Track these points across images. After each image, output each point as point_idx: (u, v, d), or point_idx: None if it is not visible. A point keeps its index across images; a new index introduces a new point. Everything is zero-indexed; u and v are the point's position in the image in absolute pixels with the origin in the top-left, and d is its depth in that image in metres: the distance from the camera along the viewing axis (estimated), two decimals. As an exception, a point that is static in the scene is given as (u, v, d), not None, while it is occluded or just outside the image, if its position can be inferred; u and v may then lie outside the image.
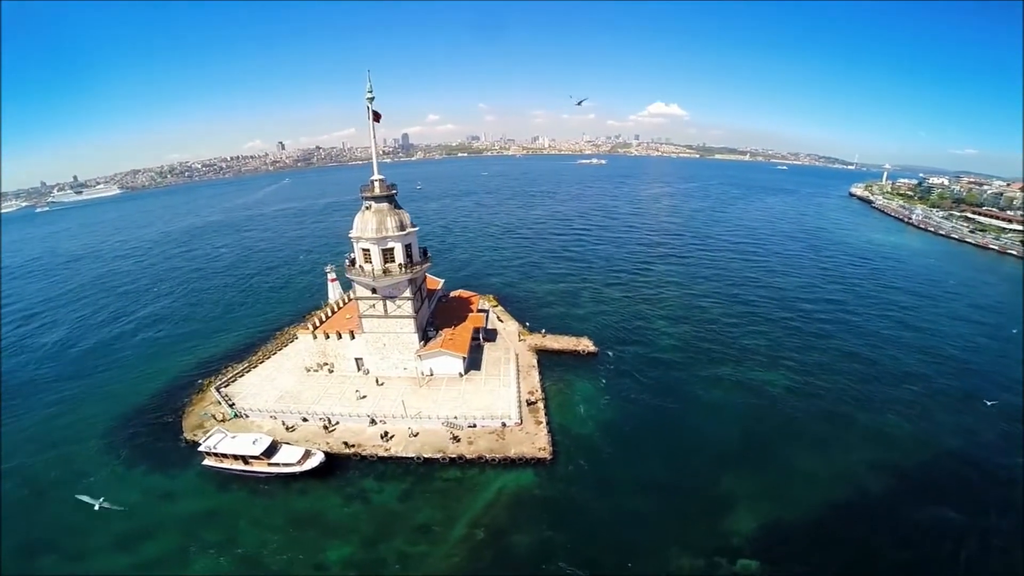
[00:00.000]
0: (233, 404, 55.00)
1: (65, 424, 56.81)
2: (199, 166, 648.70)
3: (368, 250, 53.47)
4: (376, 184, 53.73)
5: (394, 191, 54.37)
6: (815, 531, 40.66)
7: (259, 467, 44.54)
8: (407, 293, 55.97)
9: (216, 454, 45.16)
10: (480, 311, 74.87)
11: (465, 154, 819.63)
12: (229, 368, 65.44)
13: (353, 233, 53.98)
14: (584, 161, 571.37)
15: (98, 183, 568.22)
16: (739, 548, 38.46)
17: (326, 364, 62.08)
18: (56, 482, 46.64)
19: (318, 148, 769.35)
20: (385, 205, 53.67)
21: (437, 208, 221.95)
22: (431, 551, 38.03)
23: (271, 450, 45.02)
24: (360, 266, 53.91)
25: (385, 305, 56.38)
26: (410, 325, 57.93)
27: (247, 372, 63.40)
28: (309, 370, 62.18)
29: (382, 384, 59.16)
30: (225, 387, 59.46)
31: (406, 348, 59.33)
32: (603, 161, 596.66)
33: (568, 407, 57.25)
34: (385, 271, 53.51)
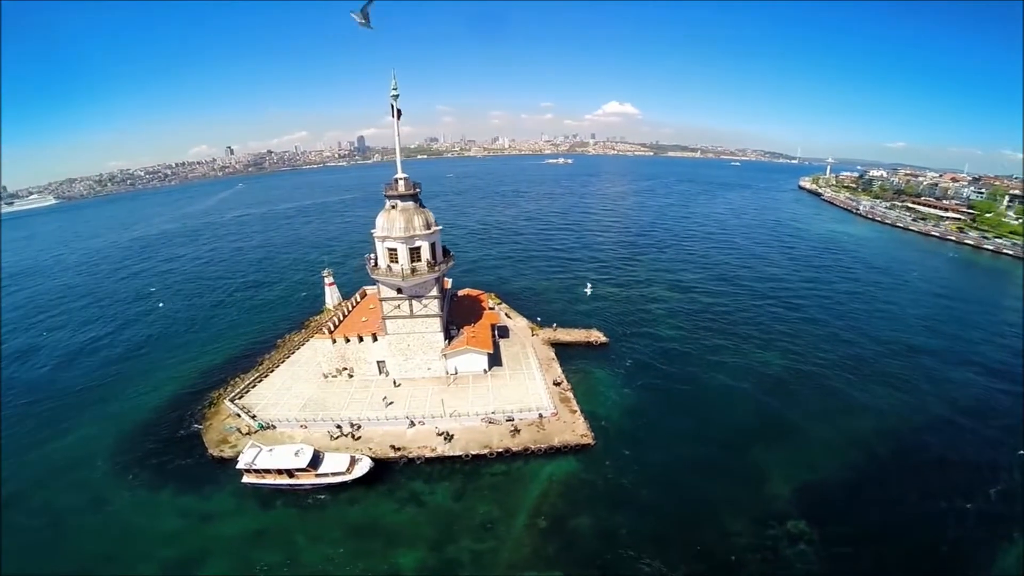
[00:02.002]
0: (255, 416, 52.68)
1: (65, 448, 52.26)
2: (142, 173, 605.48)
3: (395, 249, 52.74)
4: (400, 183, 53.11)
5: (418, 189, 53.91)
6: (844, 491, 44.35)
7: (306, 479, 42.72)
8: (434, 292, 55.67)
9: (256, 470, 42.90)
10: (489, 309, 75.18)
11: (424, 156, 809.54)
12: (237, 379, 62.46)
13: (378, 232, 53.07)
14: (552, 161, 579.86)
15: (31, 193, 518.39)
16: (785, 512, 41.30)
17: (345, 369, 60.54)
18: (75, 510, 42.92)
19: (270, 152, 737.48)
20: (411, 204, 53.14)
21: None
22: (500, 545, 38.24)
23: (316, 460, 43.46)
24: (388, 266, 53.04)
25: (411, 305, 55.77)
26: (436, 324, 57.58)
27: (259, 382, 60.75)
28: (327, 376, 60.42)
29: (399, 386, 58.43)
30: (239, 399, 56.76)
31: (431, 348, 58.88)
32: (570, 160, 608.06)
33: (593, 395, 58.89)
34: (413, 270, 52.96)
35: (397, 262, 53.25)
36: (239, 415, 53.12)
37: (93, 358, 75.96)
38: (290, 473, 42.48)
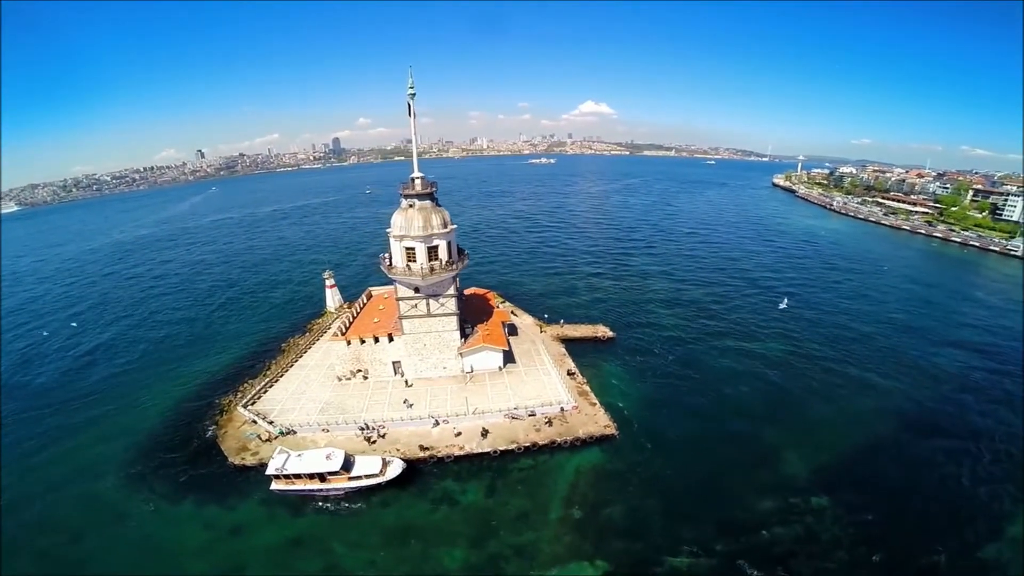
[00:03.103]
0: (272, 421, 51.75)
1: (67, 460, 50.21)
2: (108, 178, 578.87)
3: (413, 248, 52.67)
4: (417, 182, 53.09)
5: (434, 188, 53.99)
6: (855, 467, 47.10)
7: (338, 483, 42.12)
8: (451, 290, 55.83)
9: (287, 476, 42.06)
10: (498, 307, 75.63)
11: (402, 158, 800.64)
12: (247, 385, 61.16)
13: (395, 232, 52.88)
14: (535, 161, 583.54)
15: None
16: (805, 488, 43.50)
17: (360, 371, 60.00)
18: (93, 525, 41.35)
19: (242, 155, 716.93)
20: (428, 203, 53.19)
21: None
22: (539, 537, 38.81)
23: (348, 463, 42.92)
24: (406, 265, 52.92)
25: (428, 304, 55.76)
26: (452, 323, 57.72)
27: (270, 387, 59.60)
28: (341, 379, 59.75)
29: (411, 386, 58.32)
30: (251, 405, 55.62)
31: (447, 347, 58.95)
32: (552, 160, 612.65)
33: (607, 388, 60.10)
34: (432, 269, 53.00)
35: (415, 261, 53.16)
36: (255, 421, 52.10)
37: (87, 368, 72.91)
38: (322, 477, 41.88)
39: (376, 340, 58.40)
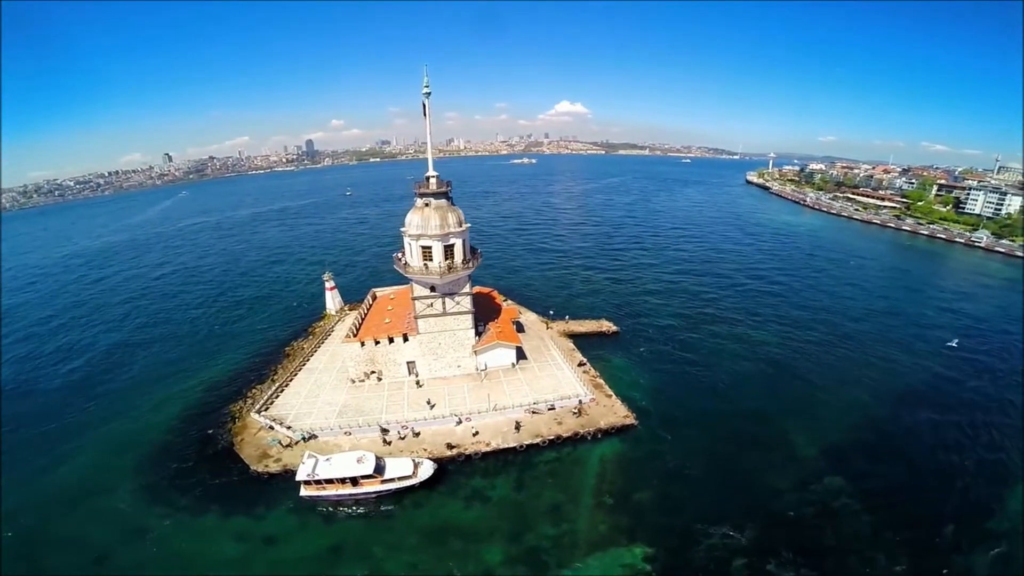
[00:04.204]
0: (290, 427, 50.89)
1: (74, 476, 48.12)
2: (71, 183, 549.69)
3: (430, 247, 52.70)
4: (432, 181, 53.13)
5: (449, 187, 54.17)
6: (860, 446, 49.92)
7: (371, 486, 41.68)
8: (466, 288, 56.09)
9: (318, 481, 41.41)
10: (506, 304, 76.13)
11: (378, 159, 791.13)
12: (255, 391, 59.91)
13: (411, 231, 52.79)
14: (517, 161, 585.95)
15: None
16: (819, 469, 45.71)
17: (373, 372, 59.54)
18: (116, 543, 39.57)
19: (211, 159, 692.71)
20: (444, 202, 53.27)
21: (380, 213, 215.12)
22: (575, 526, 39.58)
23: (379, 466, 42.51)
24: (424, 264, 52.90)
25: (444, 303, 55.87)
26: (467, 321, 57.97)
27: (280, 392, 58.53)
28: (355, 381, 59.18)
29: (421, 386, 58.34)
30: (264, 410, 54.53)
31: (461, 345, 59.15)
32: (534, 160, 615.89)
33: (618, 380, 61.36)
34: (449, 267, 53.17)
35: (432, 260, 53.22)
36: (272, 427, 51.13)
37: (83, 381, 69.43)
38: (355, 481, 41.44)
39: (391, 340, 58.05)
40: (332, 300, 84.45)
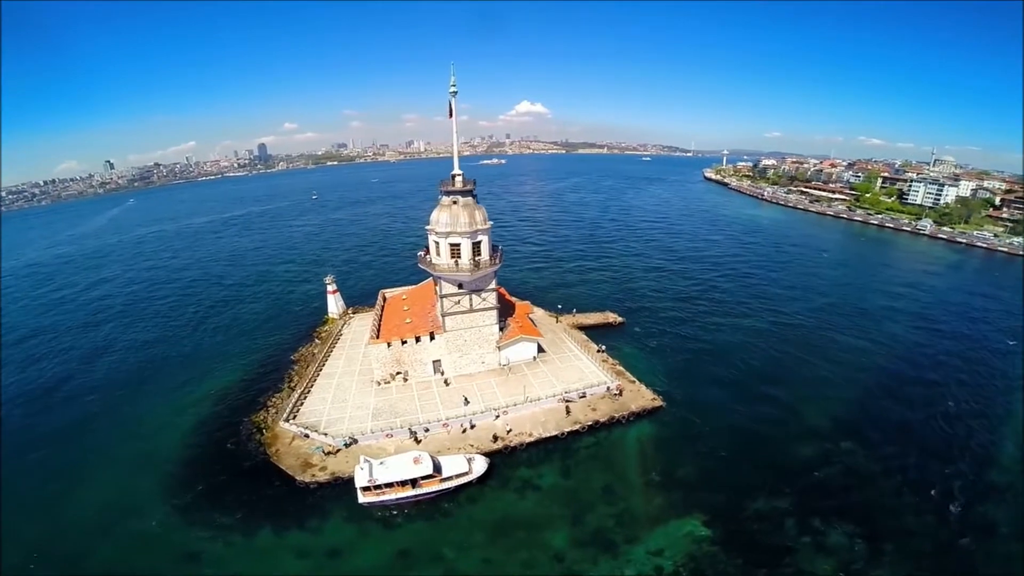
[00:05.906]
0: (327, 433, 50.01)
1: (92, 500, 44.89)
2: (3, 194, 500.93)
3: (458, 245, 53.28)
4: (458, 179, 53.74)
5: (474, 185, 54.94)
6: (864, 415, 55.16)
7: (430, 487, 41.55)
8: (492, 285, 56.99)
9: (377, 486, 40.78)
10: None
11: (335, 162, 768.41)
12: (275, 400, 58.19)
13: (440, 228, 53.12)
14: (487, 162, 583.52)
15: None
16: (833, 435, 50.29)
17: (399, 373, 59.28)
18: (170, 570, 37.52)
19: (157, 165, 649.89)
20: (470, 199, 54.00)
21: (350, 216, 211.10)
22: (630, 505, 41.53)
23: (437, 465, 42.56)
24: (455, 261, 53.38)
25: (471, 299, 56.54)
26: (492, 317, 58.87)
27: (304, 399, 57.15)
28: (380, 383, 58.71)
29: (449, 384, 58.91)
30: (292, 419, 53.18)
31: (486, 341, 59.95)
32: (503, 161, 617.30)
33: (633, 366, 64.03)
34: (477, 264, 53.93)
35: (460, 257, 53.81)
36: (307, 435, 50.03)
37: (77, 396, 64.87)
38: (414, 483, 41.38)
39: (418, 340, 58.03)
40: (334, 303, 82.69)
